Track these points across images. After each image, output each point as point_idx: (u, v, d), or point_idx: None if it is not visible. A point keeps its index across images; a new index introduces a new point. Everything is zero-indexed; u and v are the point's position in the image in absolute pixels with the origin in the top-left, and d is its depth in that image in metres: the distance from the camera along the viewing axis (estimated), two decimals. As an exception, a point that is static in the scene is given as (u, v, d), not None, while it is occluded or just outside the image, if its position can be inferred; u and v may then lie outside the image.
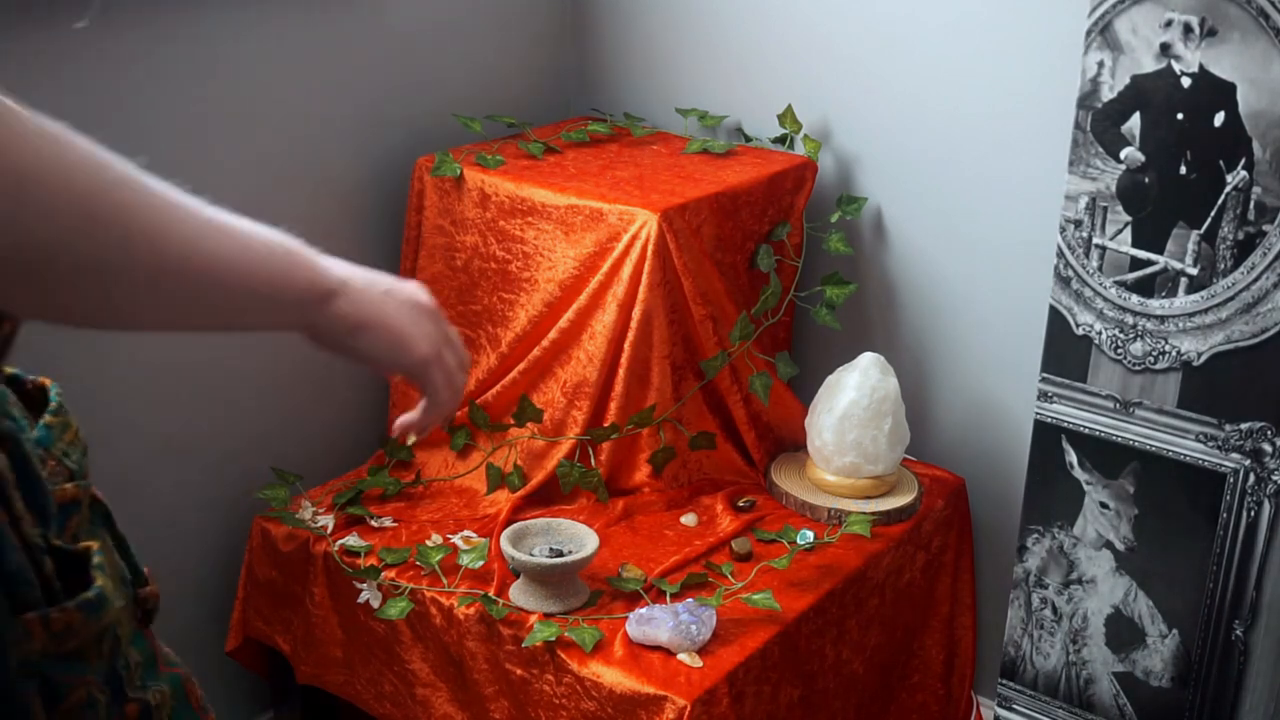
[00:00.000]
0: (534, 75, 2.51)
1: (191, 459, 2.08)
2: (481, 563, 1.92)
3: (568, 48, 2.55)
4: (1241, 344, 1.74)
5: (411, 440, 1.95)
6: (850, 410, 2.07)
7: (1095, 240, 1.82)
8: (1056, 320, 1.88)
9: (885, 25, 2.22)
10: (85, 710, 0.87)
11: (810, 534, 2.03)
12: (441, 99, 2.33)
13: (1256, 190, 1.68)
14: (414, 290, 1.01)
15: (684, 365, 2.12)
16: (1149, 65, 1.72)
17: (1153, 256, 1.79)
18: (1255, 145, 1.67)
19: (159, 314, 0.83)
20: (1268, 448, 1.76)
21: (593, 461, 2.09)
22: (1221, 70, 1.67)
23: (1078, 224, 1.83)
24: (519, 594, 1.84)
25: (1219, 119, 1.69)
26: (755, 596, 1.84)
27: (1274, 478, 1.77)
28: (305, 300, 0.91)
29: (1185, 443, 1.82)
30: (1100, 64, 1.75)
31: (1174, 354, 1.80)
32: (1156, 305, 1.80)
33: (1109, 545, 1.92)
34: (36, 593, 0.83)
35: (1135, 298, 1.81)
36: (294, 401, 2.22)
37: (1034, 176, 2.10)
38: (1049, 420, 1.92)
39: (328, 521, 2.04)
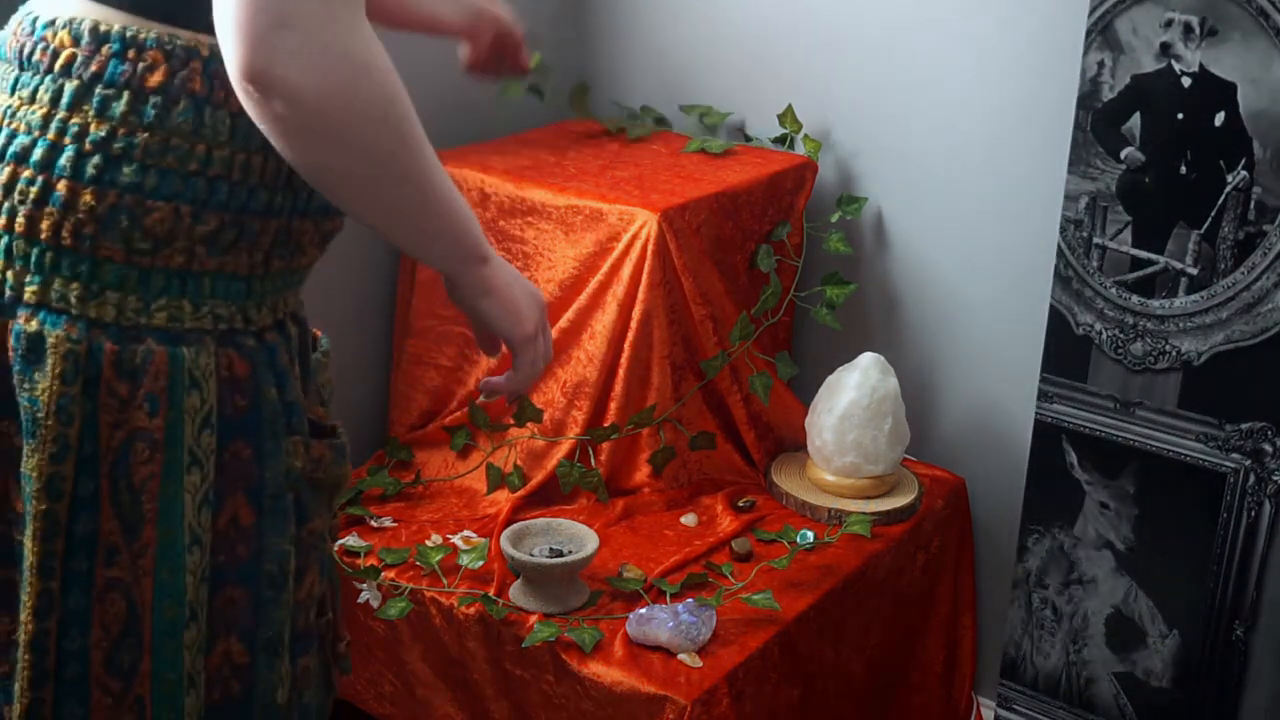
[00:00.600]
0: (534, 75, 2.51)
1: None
2: (481, 563, 1.92)
3: (568, 47, 2.55)
4: (1242, 344, 1.74)
5: (482, 399, 2.12)
6: (850, 410, 2.07)
7: (1095, 240, 1.82)
8: (1056, 320, 1.88)
9: (885, 25, 2.21)
10: (319, 540, 1.08)
11: (810, 534, 2.03)
12: (441, 99, 2.33)
13: (1257, 190, 1.68)
14: (533, 285, 1.23)
15: (684, 365, 2.12)
16: (1149, 65, 1.72)
17: (1153, 256, 1.79)
18: (1255, 145, 1.67)
19: (400, 222, 1.07)
20: (1268, 448, 1.76)
21: (593, 461, 2.09)
22: (1222, 70, 1.67)
23: (1078, 224, 1.83)
24: (519, 594, 1.84)
25: (1219, 119, 1.69)
26: (755, 596, 1.84)
27: (1274, 478, 1.77)
28: (470, 255, 1.13)
29: (1185, 443, 1.82)
30: (1100, 64, 1.75)
31: (1174, 354, 1.80)
32: (1157, 305, 1.80)
33: (1109, 545, 1.92)
34: (303, 425, 1.07)
35: (1135, 298, 1.81)
36: (294, 401, 2.22)
37: (1034, 176, 2.10)
38: (1049, 420, 1.92)
39: (328, 521, 2.04)
